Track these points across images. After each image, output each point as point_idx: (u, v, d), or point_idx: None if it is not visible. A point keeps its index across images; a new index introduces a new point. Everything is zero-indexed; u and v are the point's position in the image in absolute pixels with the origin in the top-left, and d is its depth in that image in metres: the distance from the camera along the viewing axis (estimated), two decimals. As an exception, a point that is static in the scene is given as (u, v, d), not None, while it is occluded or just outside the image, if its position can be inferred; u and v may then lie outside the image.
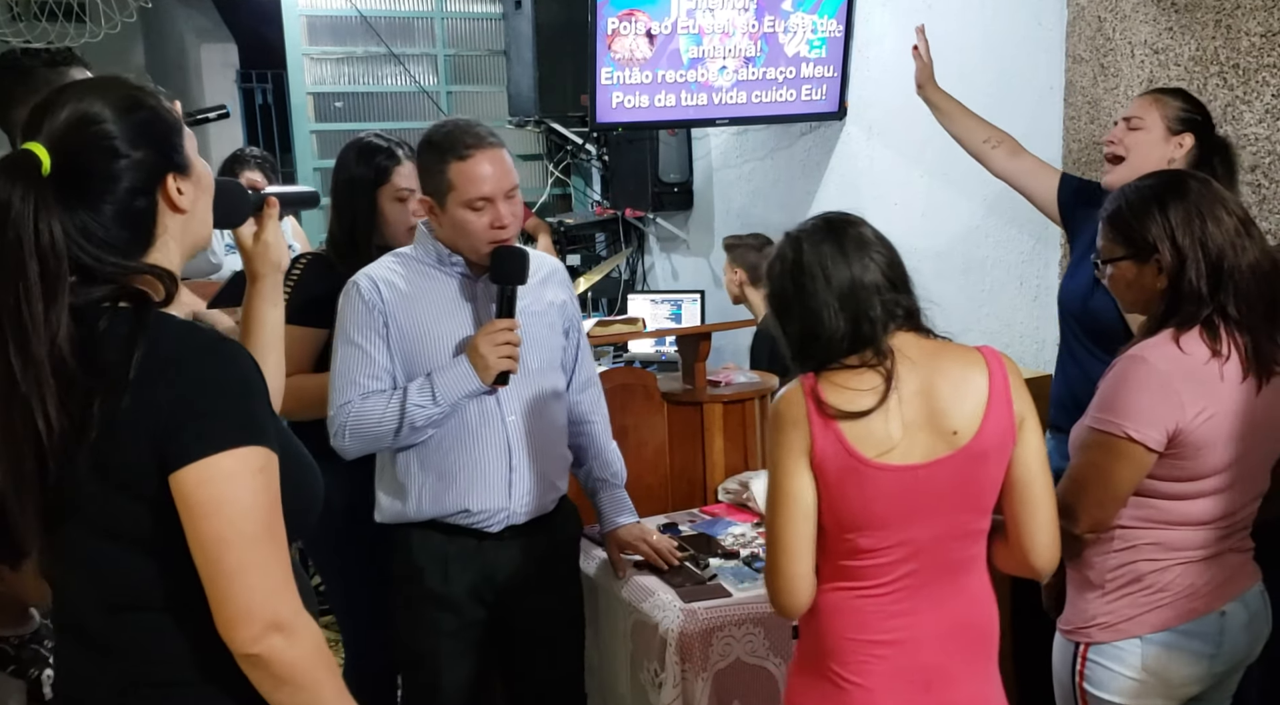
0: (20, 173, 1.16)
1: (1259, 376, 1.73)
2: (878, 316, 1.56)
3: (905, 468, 1.53)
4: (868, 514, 1.54)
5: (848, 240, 1.59)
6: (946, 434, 1.55)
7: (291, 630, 1.19)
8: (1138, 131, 2.32)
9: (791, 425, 1.54)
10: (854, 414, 1.52)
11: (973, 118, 2.80)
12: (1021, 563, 1.64)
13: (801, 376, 1.57)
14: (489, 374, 2.03)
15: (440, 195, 2.05)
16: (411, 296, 2.10)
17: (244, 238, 1.55)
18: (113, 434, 1.16)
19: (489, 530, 2.12)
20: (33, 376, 1.14)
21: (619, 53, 3.68)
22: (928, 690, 1.59)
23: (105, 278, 1.20)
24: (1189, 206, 1.75)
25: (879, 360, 1.54)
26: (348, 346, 2.09)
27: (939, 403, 1.55)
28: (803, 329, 1.59)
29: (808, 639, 1.66)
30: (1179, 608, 1.76)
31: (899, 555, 1.56)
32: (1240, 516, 1.81)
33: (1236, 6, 2.55)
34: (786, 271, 1.61)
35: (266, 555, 1.18)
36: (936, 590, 1.59)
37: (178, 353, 1.19)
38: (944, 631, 1.60)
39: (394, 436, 2.05)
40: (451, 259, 2.12)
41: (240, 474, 1.17)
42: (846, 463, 1.52)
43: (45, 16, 4.15)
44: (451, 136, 2.04)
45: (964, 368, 1.59)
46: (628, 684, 2.31)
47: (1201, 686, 1.80)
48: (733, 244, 4.02)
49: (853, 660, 1.58)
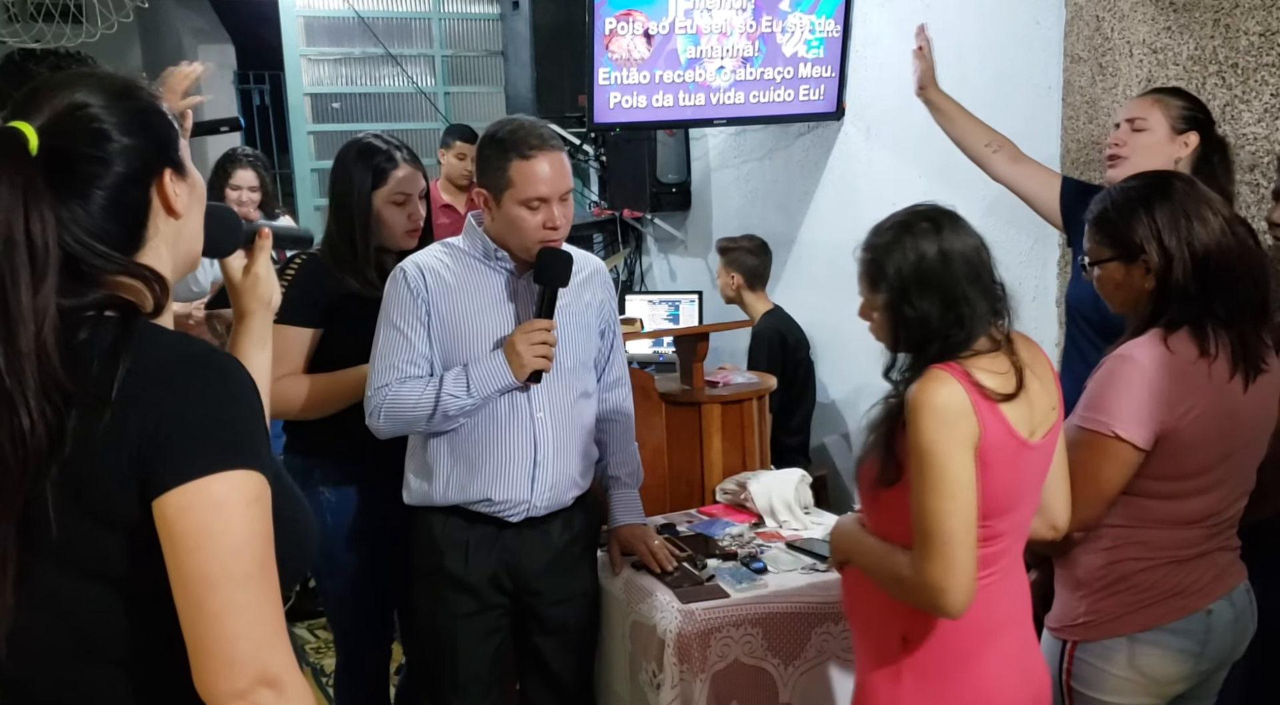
0: (6, 152, 1.05)
1: (1246, 375, 1.74)
2: (1001, 301, 1.62)
3: (1038, 445, 1.60)
4: (1016, 495, 1.59)
5: (963, 229, 1.64)
6: (1048, 411, 1.62)
7: (282, 687, 1.03)
8: (1142, 133, 2.31)
9: (960, 415, 1.51)
10: (1010, 395, 1.55)
11: (973, 121, 2.79)
12: (1049, 525, 1.74)
13: (939, 366, 1.55)
14: (523, 371, 2.08)
15: (498, 190, 2.10)
16: (455, 288, 2.15)
17: (232, 270, 1.42)
18: (91, 455, 1.04)
19: (509, 520, 2.16)
20: (16, 368, 1.02)
21: (617, 53, 3.68)
22: (1020, 659, 1.65)
23: (92, 275, 1.10)
24: (1175, 207, 1.76)
25: (1000, 343, 1.59)
26: (390, 330, 2.14)
27: (1035, 382, 1.60)
28: (940, 318, 1.57)
29: (927, 644, 1.61)
30: (1166, 606, 1.77)
31: (1015, 536, 1.63)
32: (1227, 515, 1.82)
33: (1235, 6, 2.55)
34: (921, 260, 1.59)
35: (257, 597, 1.04)
36: (1015, 564, 1.66)
37: (166, 366, 1.07)
38: (1022, 603, 1.68)
39: (427, 422, 2.10)
40: (498, 254, 2.16)
41: (231, 502, 1.04)
42: (1012, 446, 1.55)
43: (42, 17, 4.15)
44: (517, 134, 2.09)
45: (1033, 348, 1.68)
46: (626, 685, 2.30)
47: (1188, 684, 1.81)
48: (727, 247, 4.02)
49: (978, 653, 1.61)
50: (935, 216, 1.63)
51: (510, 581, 2.20)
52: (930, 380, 1.53)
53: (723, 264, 4.01)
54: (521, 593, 2.21)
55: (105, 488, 1.05)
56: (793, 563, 2.35)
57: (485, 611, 2.19)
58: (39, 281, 1.04)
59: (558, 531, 2.22)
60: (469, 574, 2.17)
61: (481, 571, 2.17)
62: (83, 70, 1.21)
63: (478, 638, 2.20)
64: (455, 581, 2.17)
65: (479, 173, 2.15)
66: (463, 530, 2.18)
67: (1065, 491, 1.74)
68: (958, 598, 1.49)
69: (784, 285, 4.34)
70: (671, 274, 5.18)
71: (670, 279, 5.18)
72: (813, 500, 2.69)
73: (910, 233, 1.61)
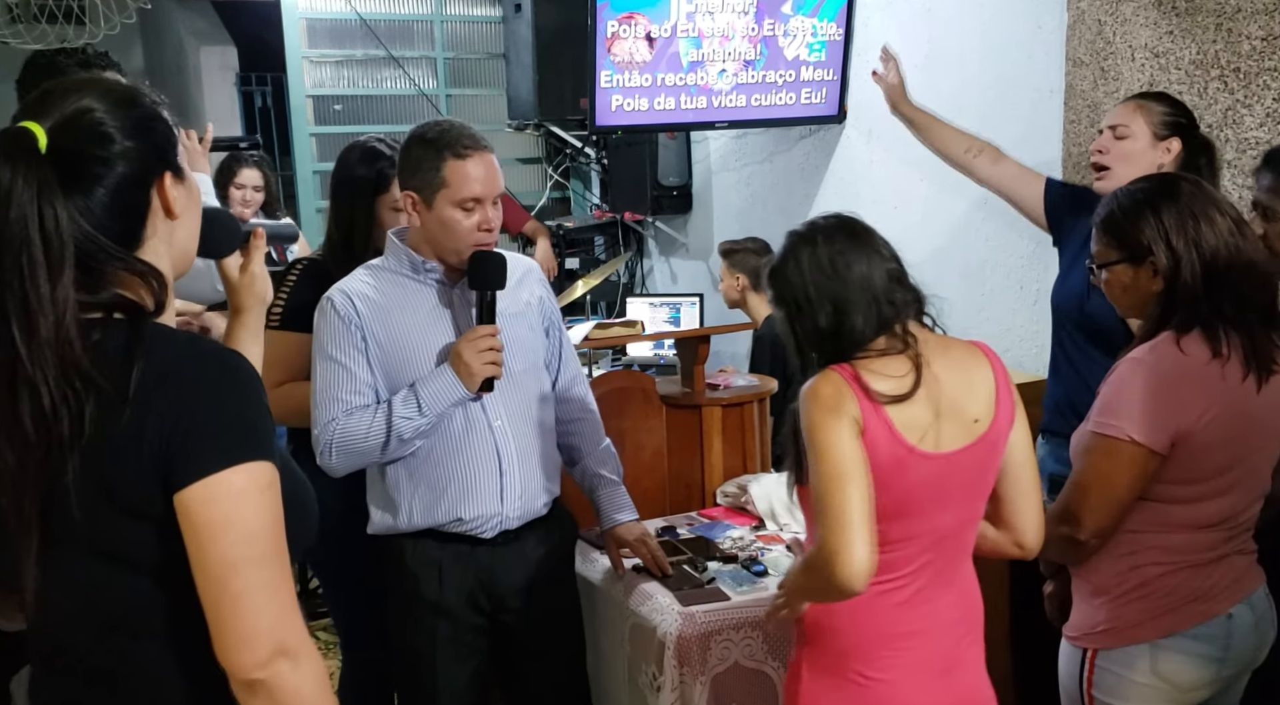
0: (18, 149, 1.12)
1: (1259, 376, 1.73)
2: (898, 302, 1.60)
3: (940, 455, 1.56)
4: (906, 503, 1.56)
5: (859, 231, 1.65)
6: (968, 422, 1.59)
7: (298, 656, 1.14)
8: (1124, 140, 2.33)
9: (842, 408, 1.53)
10: (899, 397, 1.54)
11: (949, 129, 2.81)
12: (1013, 543, 1.70)
13: (833, 367, 1.57)
14: (474, 381, 2.02)
15: (430, 191, 2.04)
16: (387, 308, 2.09)
17: (229, 270, 1.50)
18: (114, 452, 1.12)
19: (482, 536, 2.12)
20: (38, 356, 1.09)
21: (618, 56, 3.68)
22: (946, 675, 1.62)
23: (98, 270, 1.16)
24: (1182, 208, 1.75)
25: (904, 346, 1.58)
26: (327, 363, 2.07)
27: (956, 391, 1.59)
28: (829, 322, 1.59)
29: (823, 641, 1.65)
30: (1186, 611, 1.76)
31: (921, 545, 1.59)
32: (1244, 518, 1.81)
33: (1237, 10, 2.55)
34: (804, 267, 1.62)
35: (274, 577, 1.14)
36: (947, 577, 1.63)
37: (179, 365, 1.15)
38: (955, 617, 1.65)
39: (382, 450, 2.04)
40: (426, 266, 2.11)
41: (248, 491, 1.13)
42: (894, 449, 1.54)
43: (45, 18, 4.16)
44: (448, 135, 2.04)
45: (971, 357, 1.65)
46: (626, 688, 2.30)
47: (1211, 690, 1.79)
48: (731, 249, 4.01)
49: (876, 657, 1.59)
50: (827, 226, 1.65)
51: (487, 600, 2.15)
52: (818, 378, 1.58)
53: (727, 266, 3.99)
54: (499, 611, 2.16)
55: (130, 483, 1.13)
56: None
57: (463, 634, 2.14)
58: (56, 274, 1.11)
59: (532, 546, 2.17)
60: (444, 597, 2.12)
61: (458, 592, 2.12)
62: (89, 77, 1.28)
63: (457, 660, 2.15)
64: (431, 606, 2.12)
65: (405, 175, 2.08)
66: (435, 550, 2.12)
67: (1032, 508, 1.68)
68: (850, 561, 1.46)
69: (785, 288, 4.33)
70: (672, 277, 5.18)
71: (671, 282, 5.18)
72: (813, 503, 2.69)
73: (794, 246, 1.65)
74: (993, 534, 1.70)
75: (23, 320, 1.09)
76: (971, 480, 1.61)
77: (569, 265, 5.02)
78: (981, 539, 1.70)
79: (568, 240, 5.06)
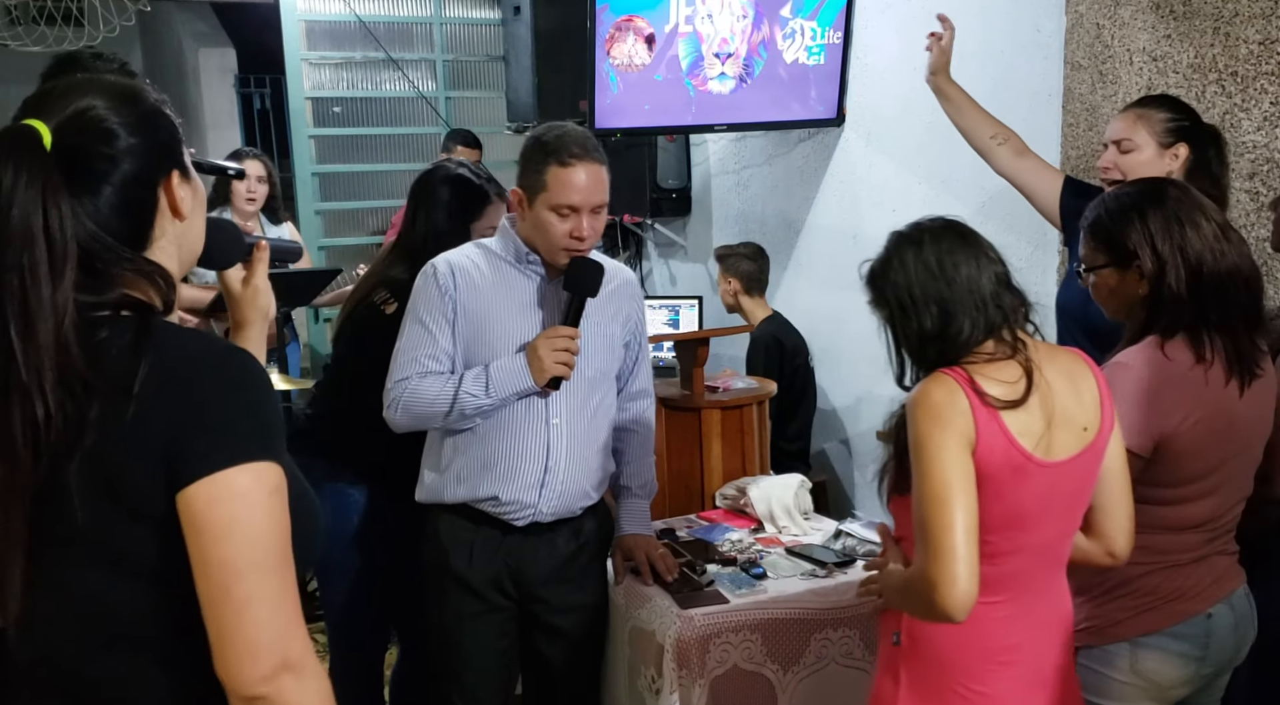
0: (22, 148, 1.09)
1: (1242, 380, 1.75)
2: (1006, 306, 1.57)
3: (1053, 464, 1.53)
4: (1019, 513, 1.53)
5: (968, 234, 1.62)
6: (1078, 430, 1.56)
7: (302, 671, 1.08)
8: (1130, 154, 2.30)
9: (953, 413, 1.48)
10: (1014, 403, 1.50)
11: (981, 112, 2.78)
12: (1105, 552, 1.66)
13: (944, 370, 1.54)
14: (542, 376, 2.07)
15: (533, 192, 2.11)
16: (483, 288, 2.15)
17: (232, 282, 1.46)
18: (118, 449, 1.07)
19: (514, 523, 2.16)
20: (34, 361, 1.05)
21: (618, 58, 3.68)
22: (1044, 686, 1.61)
23: (105, 271, 1.13)
24: (1168, 213, 1.77)
25: (1013, 351, 1.55)
26: (415, 325, 2.15)
27: (1065, 399, 1.56)
28: (935, 325, 1.56)
29: (923, 652, 1.60)
30: (1167, 611, 1.77)
31: (1027, 558, 1.56)
32: (1225, 520, 1.82)
33: (1235, 14, 2.56)
34: (910, 269, 1.59)
35: (279, 587, 1.09)
36: (1044, 589, 1.61)
37: (186, 362, 1.11)
38: (1054, 629, 1.63)
39: (443, 419, 2.11)
40: (530, 258, 2.17)
41: (254, 492, 1.08)
42: (1011, 457, 1.50)
43: (44, 20, 4.16)
44: (561, 141, 2.10)
45: (1076, 365, 1.62)
46: (625, 690, 2.30)
47: (1190, 689, 1.81)
48: (725, 254, 4.02)
49: (980, 671, 1.57)
50: (934, 227, 1.63)
51: (513, 586, 2.20)
52: (929, 381, 1.53)
53: (721, 271, 4.01)
54: (525, 599, 2.21)
55: (134, 480, 1.08)
56: (792, 568, 2.35)
57: (490, 613, 2.19)
58: (58, 276, 1.07)
59: (564, 540, 2.21)
60: (472, 574, 2.17)
61: (484, 573, 2.17)
62: (91, 77, 1.24)
63: (485, 638, 2.20)
64: (459, 580, 2.18)
65: (520, 173, 2.16)
66: (468, 531, 2.18)
67: (1125, 516, 1.65)
68: (952, 593, 1.41)
69: (784, 291, 4.35)
70: (671, 279, 5.18)
71: (670, 284, 5.19)
72: (812, 506, 2.69)
73: (898, 249, 1.62)
74: (1083, 543, 1.66)
75: (21, 323, 1.06)
76: (1077, 490, 1.58)
77: (568, 267, 5.01)
78: (1073, 548, 1.66)
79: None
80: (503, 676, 2.26)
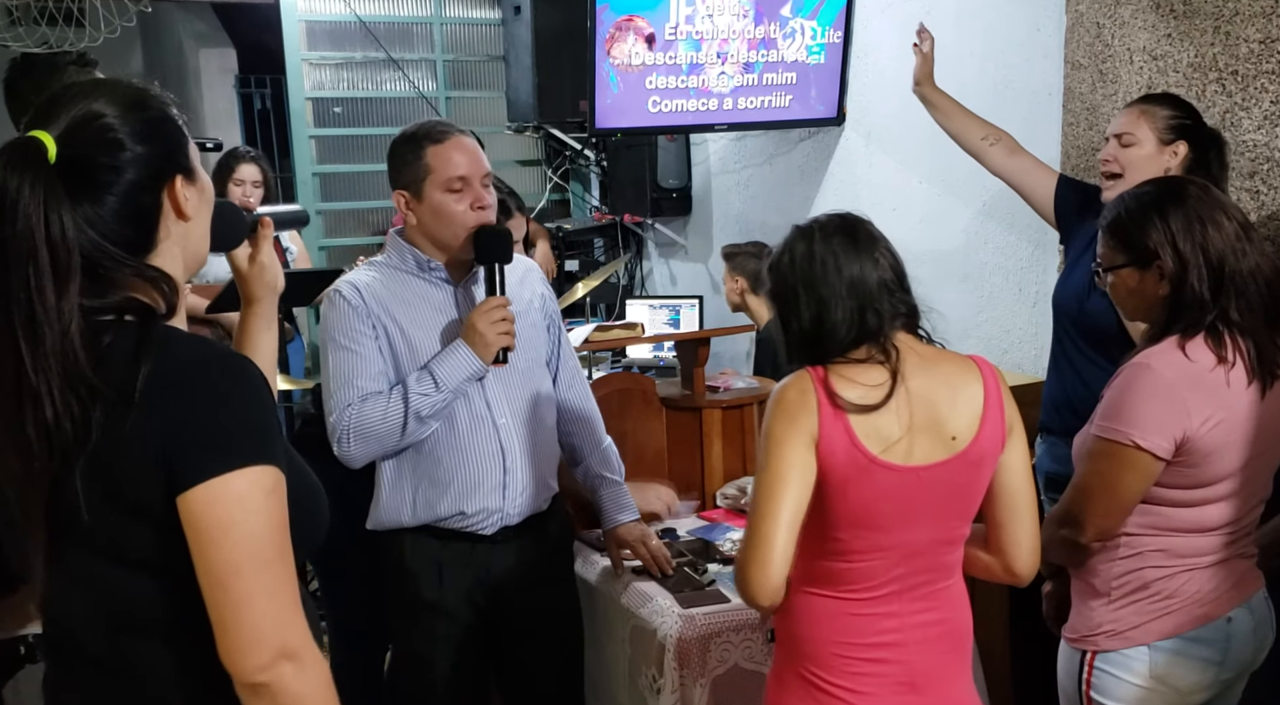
0: (27, 159, 1.12)
1: (1264, 382, 1.73)
2: (885, 312, 1.57)
3: (907, 468, 1.54)
4: (867, 513, 1.54)
5: (859, 235, 1.61)
6: (945, 438, 1.56)
7: (301, 659, 1.14)
8: (1130, 148, 2.32)
9: (801, 411, 1.52)
10: (865, 407, 1.52)
11: (970, 116, 2.81)
12: (1004, 568, 1.66)
13: (808, 368, 1.57)
14: (489, 352, 2.03)
15: (417, 183, 2.07)
16: (394, 301, 2.10)
17: (239, 260, 1.50)
18: (119, 453, 1.12)
19: (483, 533, 2.13)
20: (42, 366, 1.09)
21: (618, 58, 3.68)
22: (915, 692, 1.60)
23: (109, 278, 1.16)
24: (1189, 212, 1.74)
25: (884, 356, 1.55)
26: (339, 352, 2.07)
27: (938, 407, 1.56)
28: (810, 320, 1.58)
29: (788, 644, 1.65)
30: (1186, 615, 1.76)
31: (890, 559, 1.56)
32: (1245, 522, 1.81)
33: (1235, 13, 2.56)
34: (796, 262, 1.60)
35: (277, 580, 1.14)
36: (923, 594, 1.61)
37: (186, 368, 1.15)
38: (930, 635, 1.61)
39: (401, 433, 2.03)
40: (431, 265, 2.12)
41: (251, 495, 1.12)
42: (852, 457, 1.52)
43: (45, 21, 4.16)
44: (424, 126, 2.10)
45: (961, 374, 1.61)
46: (626, 690, 2.30)
47: (1209, 694, 1.79)
48: (732, 252, 4.02)
49: (840, 667, 1.58)
50: (828, 224, 1.63)
51: (485, 599, 2.16)
52: (790, 377, 1.57)
53: (728, 269, 4.00)
54: (498, 606, 2.17)
55: (134, 483, 1.13)
56: (793, 568, 2.35)
57: (462, 633, 2.15)
58: (63, 284, 1.11)
59: (531, 543, 2.18)
60: (444, 597, 2.13)
61: (457, 591, 2.13)
62: (98, 79, 1.30)
63: (456, 659, 2.16)
64: (430, 605, 2.13)
65: (395, 176, 2.11)
66: (435, 549, 2.13)
67: (1027, 534, 1.63)
68: (760, 576, 1.51)
69: (784, 290, 4.34)
70: (672, 279, 5.18)
71: (671, 284, 5.19)
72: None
73: (790, 242, 1.64)
74: (984, 557, 1.67)
75: (28, 330, 1.10)
76: (946, 497, 1.57)
77: (568, 267, 5.02)
78: (975, 560, 1.67)
79: (567, 242, 5.07)
80: (474, 691, 2.22)
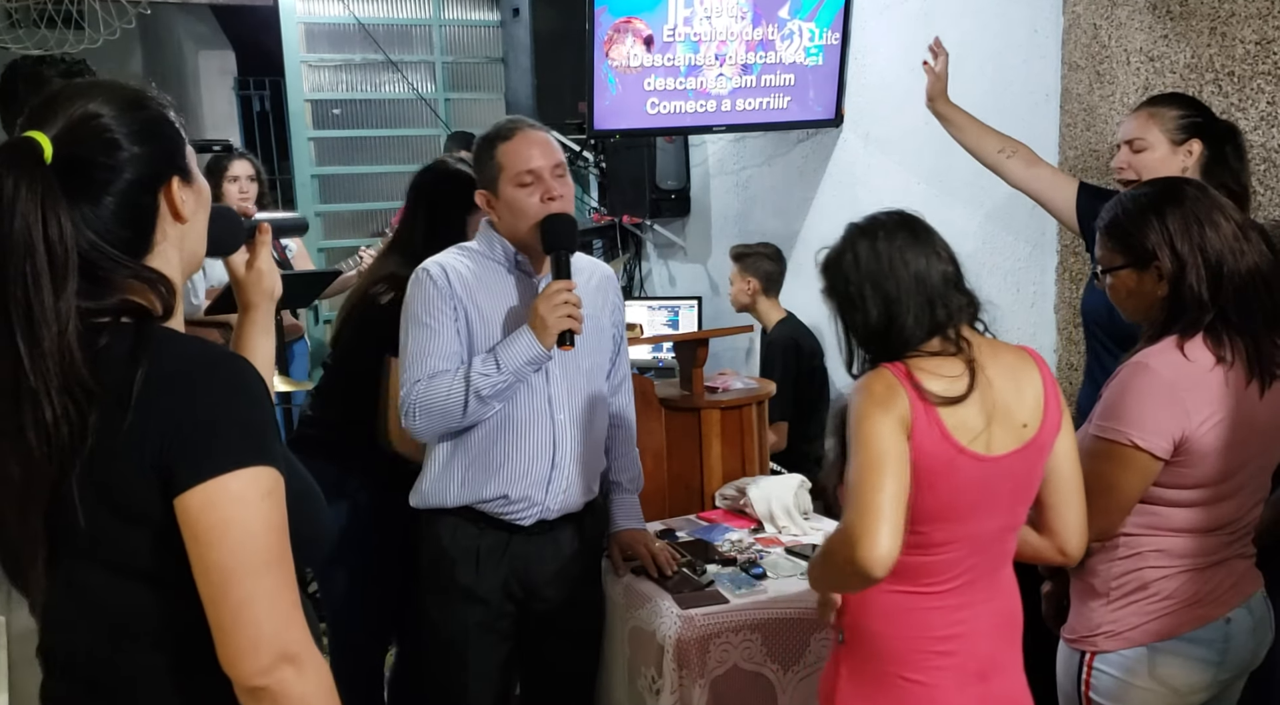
0: (22, 160, 1.11)
1: (1262, 381, 1.73)
2: (952, 305, 1.59)
3: (990, 459, 1.55)
4: (952, 504, 1.55)
5: (919, 231, 1.63)
6: (1017, 427, 1.58)
7: (301, 662, 1.13)
8: (1142, 153, 2.30)
9: (893, 400, 1.52)
10: (952, 399, 1.53)
11: (985, 129, 2.77)
12: (1057, 549, 1.68)
13: (884, 364, 1.57)
14: (549, 335, 2.04)
15: (493, 182, 2.12)
16: (478, 287, 2.15)
17: (236, 266, 1.49)
18: (115, 455, 1.11)
19: (520, 523, 2.16)
20: (40, 367, 1.09)
21: (616, 59, 3.69)
22: (983, 680, 1.62)
23: (106, 279, 1.15)
24: (1186, 213, 1.75)
25: (956, 349, 1.57)
26: (418, 327, 2.12)
27: (1006, 396, 1.58)
28: (879, 317, 1.59)
29: (861, 642, 1.64)
30: (1185, 615, 1.76)
31: (964, 550, 1.58)
32: (1244, 522, 1.81)
33: (1231, 14, 2.56)
34: (861, 261, 1.62)
35: (275, 584, 1.13)
36: (988, 583, 1.63)
37: (183, 370, 1.14)
38: (996, 623, 1.64)
39: (463, 411, 2.07)
40: (518, 258, 2.17)
41: (248, 497, 1.11)
42: (944, 450, 1.52)
43: (44, 23, 4.17)
44: (497, 125, 2.16)
45: (1021, 363, 1.64)
46: (625, 690, 2.30)
47: (1208, 694, 1.80)
48: (743, 253, 4.01)
49: (918, 662, 1.59)
50: (889, 222, 1.65)
51: (520, 589, 2.20)
52: (871, 375, 1.57)
53: (739, 269, 3.99)
54: (531, 599, 2.21)
55: (129, 486, 1.12)
56: (792, 568, 2.35)
57: (496, 620, 2.19)
58: (60, 285, 1.10)
59: (567, 538, 2.22)
60: (480, 584, 2.16)
61: (493, 580, 2.17)
62: (95, 80, 1.25)
63: (489, 646, 2.20)
64: (467, 592, 2.17)
65: (478, 179, 2.17)
66: (472, 538, 2.16)
67: (1076, 515, 1.67)
68: (875, 547, 1.43)
69: (783, 292, 4.35)
70: (671, 280, 5.19)
71: (670, 284, 5.19)
72: (812, 506, 2.70)
73: (851, 241, 1.66)
74: (1035, 539, 1.68)
75: (26, 331, 1.09)
76: (1018, 485, 1.60)
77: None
78: (1024, 544, 1.68)
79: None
80: (505, 682, 2.26)
